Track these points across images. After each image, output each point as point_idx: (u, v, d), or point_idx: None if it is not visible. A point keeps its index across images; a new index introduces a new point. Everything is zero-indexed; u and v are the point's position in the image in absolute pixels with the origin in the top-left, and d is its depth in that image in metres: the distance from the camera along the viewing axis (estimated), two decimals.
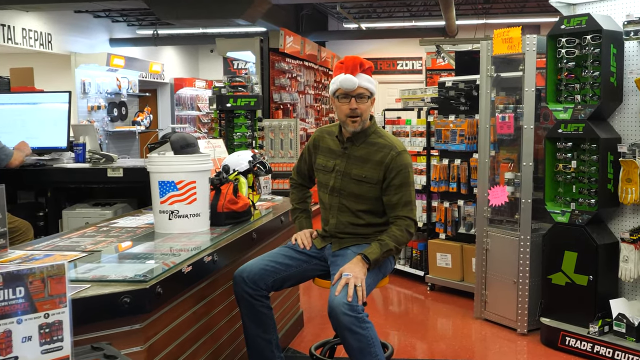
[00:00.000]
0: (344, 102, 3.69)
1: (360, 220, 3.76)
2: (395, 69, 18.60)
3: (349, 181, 3.75)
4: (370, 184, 3.71)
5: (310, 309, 5.92)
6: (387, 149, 3.73)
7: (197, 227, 3.82)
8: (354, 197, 3.75)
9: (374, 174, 3.71)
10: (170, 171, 3.75)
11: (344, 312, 3.26)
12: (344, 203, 3.77)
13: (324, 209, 3.88)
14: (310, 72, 14.50)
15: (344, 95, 3.68)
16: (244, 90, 7.61)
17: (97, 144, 6.15)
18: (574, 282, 4.91)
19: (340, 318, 3.27)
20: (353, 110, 3.66)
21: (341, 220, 3.78)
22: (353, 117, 3.68)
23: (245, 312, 3.65)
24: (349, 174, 3.75)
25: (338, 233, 3.80)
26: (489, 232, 5.60)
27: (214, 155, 4.82)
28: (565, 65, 4.89)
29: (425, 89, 7.89)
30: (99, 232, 3.85)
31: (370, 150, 3.75)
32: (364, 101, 3.69)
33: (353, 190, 3.74)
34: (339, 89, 3.69)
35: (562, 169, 4.95)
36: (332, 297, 3.34)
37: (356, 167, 3.74)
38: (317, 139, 3.96)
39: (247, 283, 3.59)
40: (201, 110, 17.57)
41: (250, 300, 3.61)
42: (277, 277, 3.69)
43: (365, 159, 3.74)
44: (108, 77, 13.57)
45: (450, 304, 6.22)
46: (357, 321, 3.28)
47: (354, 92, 3.66)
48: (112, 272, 2.87)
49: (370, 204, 3.75)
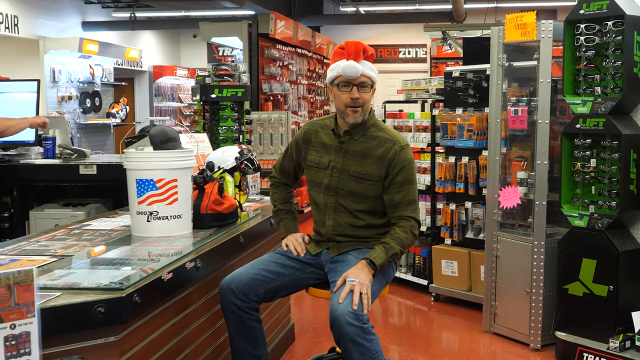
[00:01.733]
0: (345, 90, 3.70)
1: (360, 221, 3.77)
2: (397, 57, 18.62)
3: (346, 178, 3.75)
4: (371, 182, 3.72)
5: (302, 321, 5.92)
6: (390, 142, 3.74)
7: (179, 230, 3.81)
8: (353, 196, 3.75)
9: (375, 170, 3.72)
10: (149, 168, 3.74)
11: (348, 321, 3.26)
12: (341, 203, 3.77)
13: (318, 210, 3.88)
14: (304, 60, 14.50)
15: (345, 84, 3.69)
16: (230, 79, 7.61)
17: (68, 138, 6.13)
18: (592, 293, 4.92)
19: (344, 328, 3.27)
20: (355, 100, 3.68)
21: (338, 221, 3.78)
22: (354, 107, 3.69)
23: (233, 326, 3.64)
24: (347, 170, 3.75)
25: (336, 236, 3.80)
26: (499, 237, 5.61)
27: (197, 151, 4.81)
28: (584, 54, 4.90)
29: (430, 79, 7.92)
30: (70, 235, 3.83)
31: (371, 145, 3.76)
32: (366, 90, 3.71)
33: (352, 188, 3.75)
34: (339, 76, 3.70)
35: (580, 168, 4.96)
36: (335, 305, 3.34)
37: (355, 163, 3.75)
38: (308, 134, 3.95)
39: (236, 294, 3.59)
40: (183, 102, 17.55)
41: (239, 313, 3.60)
42: (269, 287, 3.69)
43: (365, 154, 3.75)
44: (80, 65, 13.53)
45: (457, 316, 6.23)
46: (362, 332, 3.28)
47: (356, 81, 3.68)
48: (84, 279, 2.86)
49: (370, 203, 3.76)
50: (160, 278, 2.99)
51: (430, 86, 7.58)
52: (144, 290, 2.82)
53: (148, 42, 17.56)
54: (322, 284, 3.83)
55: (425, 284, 6.85)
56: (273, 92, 12.45)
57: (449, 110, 6.55)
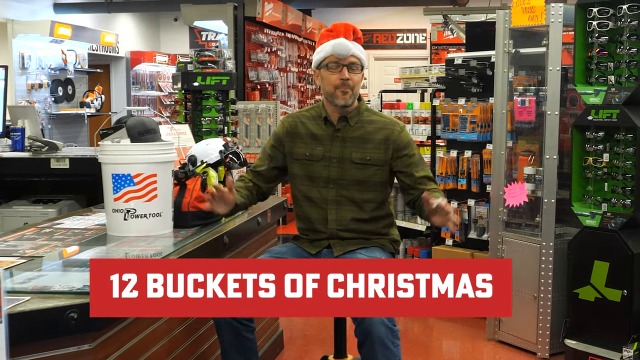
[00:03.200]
0: (335, 71, 3.75)
1: (364, 213, 3.82)
2: (395, 43, 18.59)
3: (349, 167, 3.80)
4: (376, 167, 3.80)
5: (291, 328, 5.92)
6: (390, 125, 3.87)
7: (158, 229, 3.81)
8: (357, 185, 3.81)
9: (379, 154, 3.80)
10: (126, 162, 3.73)
11: (382, 320, 3.28)
12: (344, 194, 3.81)
13: (312, 206, 3.87)
14: (293, 45, 14.48)
15: (335, 64, 3.74)
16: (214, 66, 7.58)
17: (39, 129, 6.11)
18: (605, 298, 4.93)
19: (375, 327, 3.29)
20: (344, 81, 3.73)
21: (342, 215, 3.81)
22: (344, 89, 3.74)
23: (228, 339, 3.61)
24: (349, 158, 3.80)
25: (340, 231, 3.82)
26: (504, 237, 5.62)
27: (178, 144, 4.79)
28: (597, 40, 4.90)
29: (430, 67, 7.91)
30: (40, 234, 3.82)
31: (370, 129, 3.84)
32: (356, 72, 3.78)
33: (355, 176, 3.80)
34: (329, 56, 3.76)
35: (592, 164, 4.97)
36: None
37: (356, 149, 3.81)
38: (292, 126, 3.96)
39: None
40: (163, 91, 17.52)
41: (235, 325, 3.58)
42: None
43: (365, 139, 3.81)
44: (52, 50, 13.49)
45: (458, 323, 6.24)
46: (392, 335, 3.31)
47: (347, 61, 3.74)
48: (56, 282, 2.86)
49: (376, 191, 3.83)
50: None
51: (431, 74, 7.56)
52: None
53: (125, 25, 17.51)
54: None
55: None
56: (260, 80, 12.42)
57: (450, 101, 6.56)
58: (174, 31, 18.86)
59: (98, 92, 14.88)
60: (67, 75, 13.91)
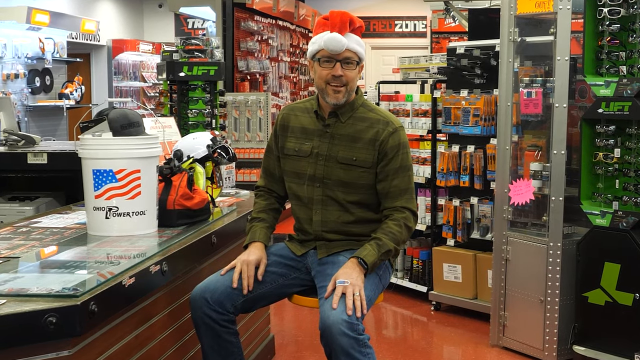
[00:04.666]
0: (327, 67, 3.73)
1: (350, 215, 3.79)
2: (393, 31, 18.61)
3: (334, 166, 3.78)
4: (362, 168, 3.75)
5: (283, 334, 5.92)
6: (382, 124, 3.78)
7: (142, 229, 3.81)
8: (342, 186, 3.78)
9: (367, 155, 3.75)
10: (108, 157, 3.73)
11: (342, 331, 3.28)
12: (329, 194, 3.79)
13: (301, 205, 3.88)
14: (285, 33, 14.49)
15: (328, 59, 3.72)
16: (201, 55, 7.59)
17: (15, 122, 6.11)
18: (615, 302, 4.95)
19: (337, 339, 3.28)
20: (337, 77, 3.71)
21: (327, 216, 3.80)
22: (336, 87, 3.72)
23: (207, 342, 3.63)
24: (335, 157, 3.78)
25: (325, 233, 3.81)
26: (509, 237, 5.63)
27: (163, 138, 4.80)
28: (608, 29, 4.91)
29: (431, 56, 7.91)
30: (16, 233, 3.82)
31: (361, 127, 3.79)
32: (351, 67, 3.75)
33: (340, 177, 3.77)
34: (321, 49, 3.73)
35: (602, 159, 4.98)
36: (327, 313, 3.35)
37: (343, 148, 3.78)
38: (285, 118, 3.97)
39: (211, 305, 3.58)
40: (147, 81, 17.51)
41: (214, 327, 3.60)
42: (248, 296, 3.69)
43: (354, 138, 3.78)
44: (28, 38, 13.45)
45: (460, 328, 6.25)
46: (357, 344, 3.29)
47: (340, 56, 3.71)
48: (33, 284, 2.86)
49: (362, 194, 3.78)
50: (120, 283, 2.99)
51: (431, 64, 7.56)
52: (102, 298, 2.81)
53: (107, 12, 17.49)
54: (307, 290, 3.83)
55: (424, 291, 6.86)
56: (250, 70, 12.43)
57: (452, 92, 6.56)
58: (158, 18, 18.86)
59: (78, 83, 14.85)
60: (45, 65, 13.87)
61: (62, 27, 14.33)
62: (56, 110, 14.06)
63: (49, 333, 2.60)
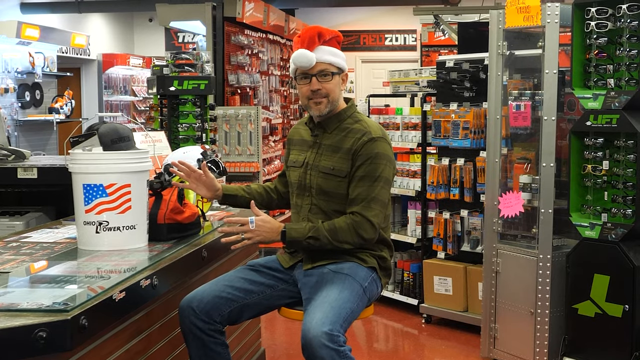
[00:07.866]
0: (304, 83, 3.81)
1: None
2: (383, 45, 18.62)
3: (317, 175, 3.84)
4: (339, 177, 3.79)
5: (275, 347, 5.92)
6: (360, 133, 3.80)
7: (132, 243, 3.80)
8: (324, 195, 3.83)
9: (342, 165, 3.79)
10: (98, 172, 3.73)
11: (323, 343, 3.29)
12: (315, 203, 3.85)
13: (296, 214, 3.96)
14: (276, 47, 14.48)
15: (303, 76, 3.80)
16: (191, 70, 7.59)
17: (5, 137, 6.10)
18: (605, 313, 4.96)
19: (317, 352, 3.30)
20: (315, 92, 3.77)
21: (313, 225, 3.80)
22: (316, 100, 3.78)
23: (195, 352, 3.65)
24: (317, 166, 3.84)
25: None
26: (499, 250, 5.64)
27: (153, 152, 4.80)
28: (596, 42, 4.93)
29: (421, 69, 7.94)
30: (6, 248, 3.82)
31: (342, 137, 3.83)
32: (327, 79, 3.79)
33: (321, 185, 3.82)
34: (297, 67, 3.81)
35: (590, 171, 4.99)
36: (308, 326, 3.36)
37: (325, 158, 3.84)
38: (291, 133, 4.12)
39: (198, 315, 3.59)
40: (137, 95, 17.48)
41: (201, 337, 3.61)
42: (235, 306, 3.70)
43: (335, 148, 3.83)
44: (18, 52, 13.43)
45: (451, 340, 6.25)
46: (338, 356, 3.31)
47: (314, 70, 3.77)
48: (23, 299, 2.85)
49: (343, 203, 3.81)
50: (111, 298, 2.98)
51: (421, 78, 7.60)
52: (93, 312, 2.81)
53: (97, 26, 17.49)
54: (297, 303, 3.84)
55: (415, 303, 6.86)
56: (241, 84, 12.42)
57: (442, 106, 6.57)
58: (148, 32, 18.84)
59: (68, 97, 14.83)
60: (35, 79, 13.84)
61: (52, 42, 14.31)
62: (46, 125, 14.03)
63: (39, 348, 2.59)
